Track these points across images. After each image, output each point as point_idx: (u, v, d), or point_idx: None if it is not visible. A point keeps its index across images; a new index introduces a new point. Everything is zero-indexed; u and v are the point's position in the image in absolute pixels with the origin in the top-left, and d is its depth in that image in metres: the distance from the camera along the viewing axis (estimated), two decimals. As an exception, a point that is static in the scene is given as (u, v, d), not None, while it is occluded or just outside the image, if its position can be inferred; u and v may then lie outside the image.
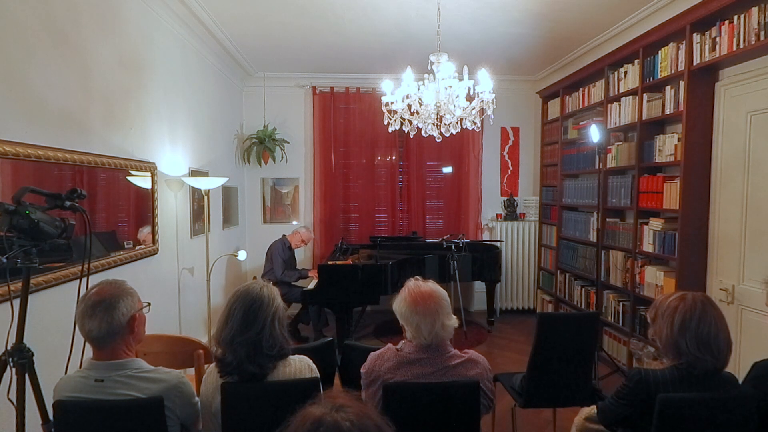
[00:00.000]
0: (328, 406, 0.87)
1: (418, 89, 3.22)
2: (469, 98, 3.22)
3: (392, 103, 3.30)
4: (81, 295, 1.56)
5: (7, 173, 1.95)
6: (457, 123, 3.28)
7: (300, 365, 1.69)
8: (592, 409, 1.94)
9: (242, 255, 4.49)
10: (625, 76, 3.95)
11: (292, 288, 4.71)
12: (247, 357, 1.57)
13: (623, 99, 3.97)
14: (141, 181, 3.09)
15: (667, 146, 3.42)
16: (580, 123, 4.71)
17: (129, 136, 2.95)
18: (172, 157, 3.59)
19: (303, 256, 5.93)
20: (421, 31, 4.13)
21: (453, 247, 4.90)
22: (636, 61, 3.75)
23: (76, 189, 1.60)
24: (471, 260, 5.04)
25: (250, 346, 1.58)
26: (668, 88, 3.42)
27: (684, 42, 3.21)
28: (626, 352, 3.84)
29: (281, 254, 4.79)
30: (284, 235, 4.96)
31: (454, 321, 1.81)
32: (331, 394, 0.96)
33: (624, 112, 3.96)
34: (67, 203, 1.57)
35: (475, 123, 3.26)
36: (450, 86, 3.15)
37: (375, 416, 0.88)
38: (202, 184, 3.80)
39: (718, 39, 2.95)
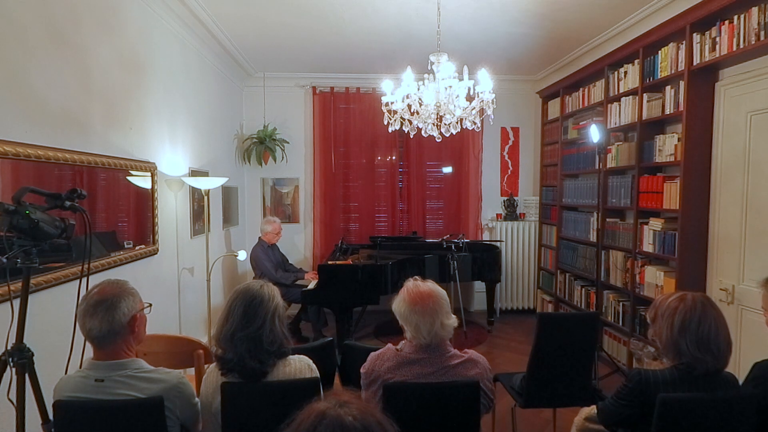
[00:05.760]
0: (333, 402, 0.89)
1: (418, 89, 3.22)
2: (469, 98, 3.22)
3: (392, 103, 3.30)
4: (82, 295, 1.56)
5: (7, 173, 1.95)
6: (457, 123, 3.28)
7: (300, 365, 1.69)
8: (592, 409, 1.94)
9: (242, 255, 4.49)
10: (625, 76, 3.95)
11: (292, 287, 4.71)
12: (248, 353, 1.58)
13: (623, 99, 3.96)
14: (141, 181, 3.09)
15: (667, 146, 3.42)
16: (580, 123, 4.71)
17: (129, 136, 2.95)
18: (172, 157, 3.59)
19: (303, 257, 5.93)
20: (421, 31, 4.13)
21: (453, 247, 4.90)
22: (636, 61, 3.75)
23: (76, 189, 1.60)
24: (471, 260, 5.04)
25: (250, 342, 1.58)
26: (668, 88, 3.42)
27: (684, 42, 3.21)
28: (626, 352, 3.84)
29: (265, 258, 4.76)
30: (260, 238, 4.94)
31: (453, 320, 1.81)
32: (336, 391, 0.97)
33: (624, 112, 3.96)
34: (67, 203, 1.57)
35: (475, 123, 3.26)
36: (450, 86, 3.15)
37: (378, 414, 0.90)
38: (202, 184, 3.80)
39: (718, 39, 2.95)
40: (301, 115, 5.85)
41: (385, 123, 3.38)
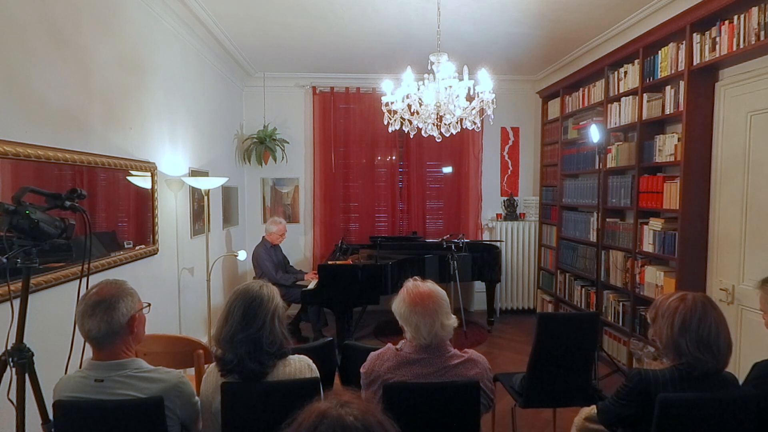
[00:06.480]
0: (334, 402, 0.89)
1: (418, 89, 3.22)
2: (469, 98, 3.22)
3: (392, 103, 3.30)
4: (81, 295, 1.56)
5: (7, 173, 1.95)
6: (457, 123, 3.28)
7: (300, 365, 1.69)
8: (592, 409, 1.94)
9: (242, 255, 4.48)
10: (625, 76, 3.95)
11: (292, 288, 4.71)
12: (247, 354, 1.58)
13: (623, 99, 3.96)
14: (141, 181, 3.09)
15: (667, 146, 3.42)
16: (580, 123, 4.71)
17: (129, 136, 2.95)
18: (172, 157, 3.59)
19: (303, 257, 5.93)
20: (421, 31, 4.13)
21: (453, 247, 4.90)
22: (636, 61, 3.75)
23: (76, 189, 1.60)
24: (471, 260, 5.04)
25: (250, 344, 1.58)
26: (668, 88, 3.42)
27: (684, 42, 3.21)
28: (626, 352, 3.84)
29: (267, 257, 4.77)
30: (263, 237, 4.95)
31: (453, 320, 1.81)
32: (336, 391, 0.97)
33: (624, 112, 3.96)
34: (67, 203, 1.57)
35: (475, 123, 3.25)
36: (450, 86, 3.14)
37: (379, 414, 0.90)
38: (202, 184, 3.80)
39: (718, 39, 2.95)
40: (301, 115, 5.85)
41: (385, 123, 3.38)
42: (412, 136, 3.68)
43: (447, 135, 3.36)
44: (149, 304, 1.69)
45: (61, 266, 2.22)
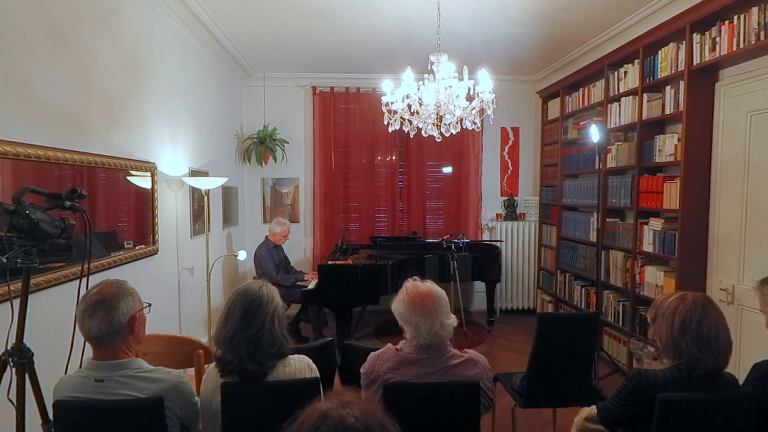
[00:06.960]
0: (335, 402, 0.89)
1: (418, 89, 3.22)
2: (469, 98, 3.22)
3: (392, 103, 3.30)
4: (82, 295, 1.56)
5: (7, 173, 1.95)
6: (457, 123, 3.28)
7: (300, 365, 1.69)
8: (592, 409, 1.94)
9: (242, 255, 4.49)
10: (625, 76, 3.95)
11: (292, 288, 4.71)
12: (247, 355, 1.58)
13: (623, 99, 3.97)
14: (141, 181, 3.09)
15: (667, 146, 3.42)
16: (580, 123, 4.71)
17: (129, 136, 2.95)
18: (172, 157, 3.59)
19: (303, 257, 5.93)
20: (421, 31, 4.13)
21: (453, 247, 4.90)
22: (636, 61, 3.75)
23: (76, 189, 1.60)
24: (471, 260, 5.04)
25: (250, 345, 1.58)
26: (668, 88, 3.42)
27: (684, 42, 3.21)
28: (626, 352, 3.84)
29: (269, 257, 4.77)
30: (266, 237, 4.96)
31: (453, 320, 1.81)
32: (339, 391, 0.97)
33: (624, 112, 3.96)
34: (67, 203, 1.57)
35: (475, 123, 3.25)
36: (450, 86, 3.14)
37: (380, 415, 0.90)
38: (202, 184, 3.80)
39: (718, 39, 2.95)
40: (301, 115, 5.85)
41: (385, 123, 3.38)
42: (412, 136, 3.68)
43: (447, 135, 3.36)
44: (149, 304, 1.69)
45: (61, 266, 2.22)
